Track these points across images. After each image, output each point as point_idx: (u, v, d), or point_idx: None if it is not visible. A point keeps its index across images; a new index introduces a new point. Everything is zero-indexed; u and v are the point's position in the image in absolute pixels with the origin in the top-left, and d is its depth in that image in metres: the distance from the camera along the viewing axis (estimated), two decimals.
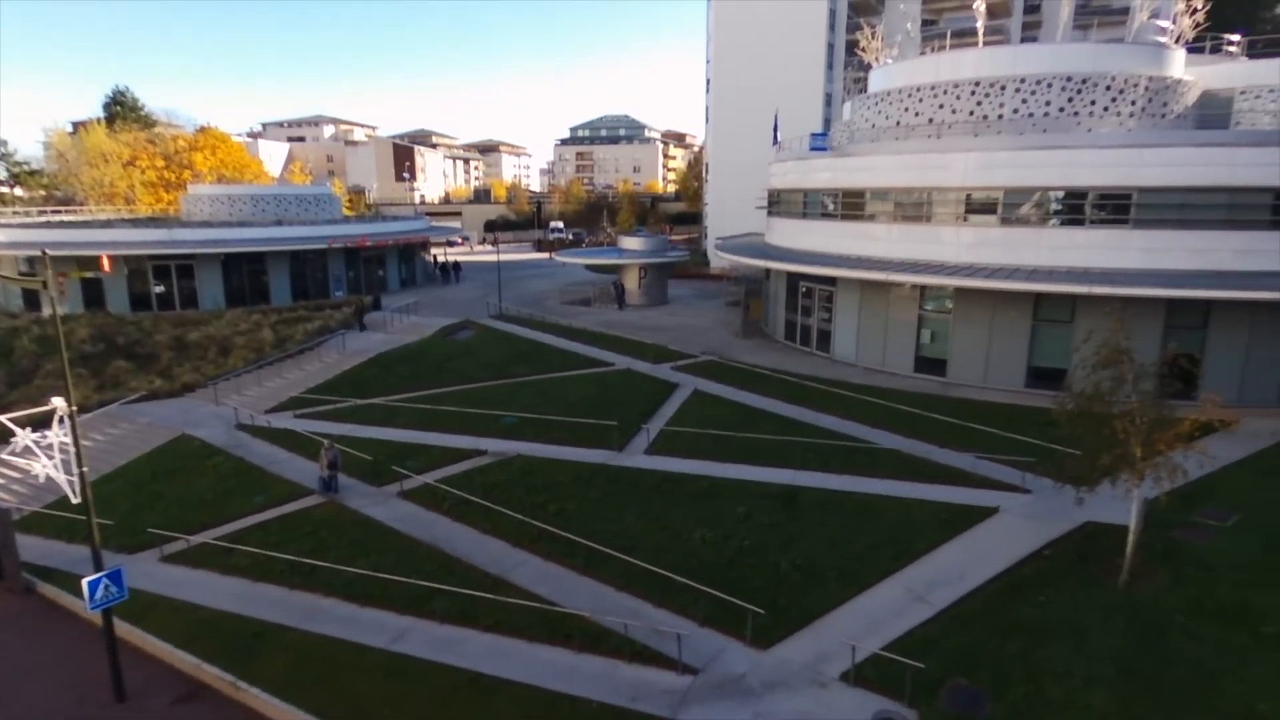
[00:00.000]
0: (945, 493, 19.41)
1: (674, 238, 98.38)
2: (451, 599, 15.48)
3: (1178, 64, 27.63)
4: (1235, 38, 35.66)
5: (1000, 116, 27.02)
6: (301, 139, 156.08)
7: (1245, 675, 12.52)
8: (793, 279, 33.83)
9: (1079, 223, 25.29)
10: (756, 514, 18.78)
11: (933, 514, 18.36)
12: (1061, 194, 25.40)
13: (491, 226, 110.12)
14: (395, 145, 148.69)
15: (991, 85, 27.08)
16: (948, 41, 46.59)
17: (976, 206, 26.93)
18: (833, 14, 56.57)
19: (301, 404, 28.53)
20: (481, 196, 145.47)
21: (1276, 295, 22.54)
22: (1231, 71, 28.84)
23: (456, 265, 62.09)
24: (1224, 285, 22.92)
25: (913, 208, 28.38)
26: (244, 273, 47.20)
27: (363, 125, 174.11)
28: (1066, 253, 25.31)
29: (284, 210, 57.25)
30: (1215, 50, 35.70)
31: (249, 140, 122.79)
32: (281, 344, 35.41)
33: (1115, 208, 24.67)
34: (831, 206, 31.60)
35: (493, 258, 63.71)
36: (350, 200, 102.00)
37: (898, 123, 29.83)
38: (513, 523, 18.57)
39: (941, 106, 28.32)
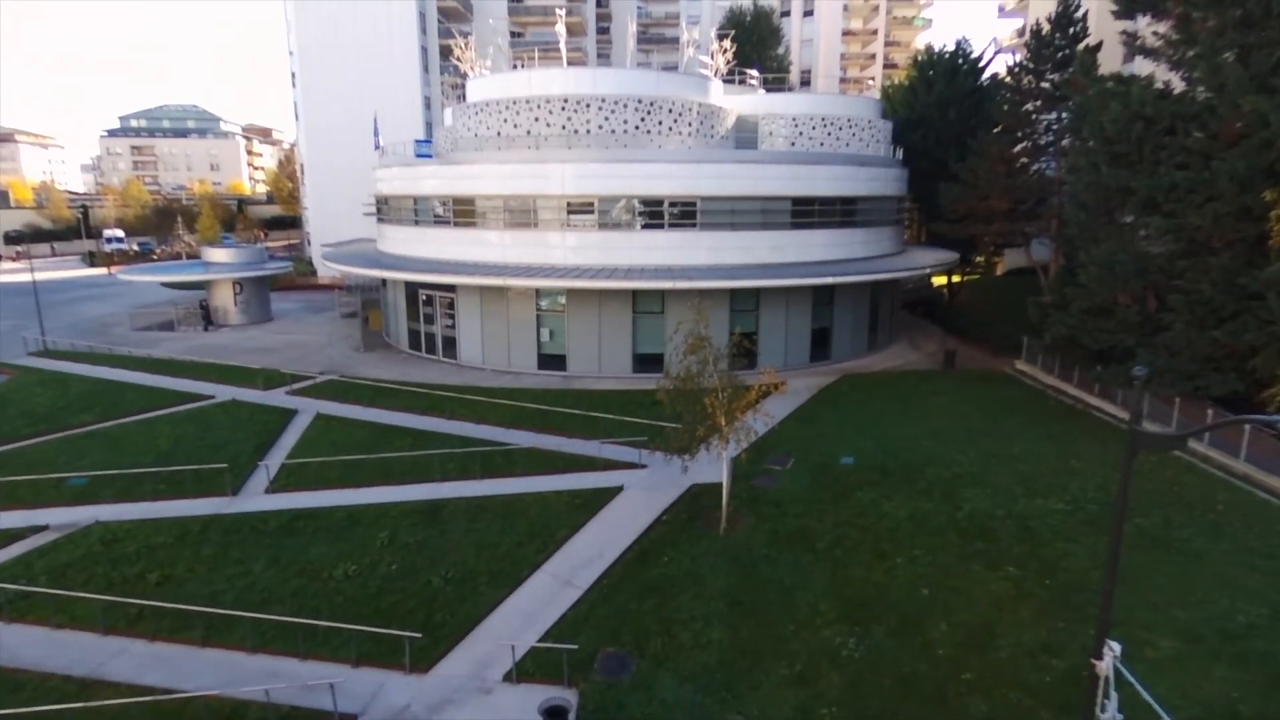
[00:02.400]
0: (577, 480, 21.02)
1: (271, 245, 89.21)
2: None
3: (718, 93, 33.43)
4: (754, 73, 44.22)
5: (589, 131, 29.83)
6: None
7: (810, 586, 15.92)
8: (412, 287, 33.22)
9: (660, 226, 29.23)
10: (401, 535, 18.23)
11: (569, 502, 19.76)
12: (645, 201, 29.06)
13: (16, 238, 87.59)
14: None
15: (579, 103, 29.72)
16: (536, 54, 49.67)
17: (576, 212, 29.42)
18: (423, 17, 56.22)
19: None
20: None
21: (800, 281, 28.78)
22: (755, 102, 35.80)
23: None
24: (765, 275, 28.58)
25: (521, 214, 29.90)
26: None
27: None
28: (653, 252, 29.07)
29: None
30: (741, 82, 43.82)
31: None
32: None
33: (685, 213, 29.07)
34: (443, 213, 31.70)
35: (25, 277, 50.85)
36: None
37: (499, 133, 31.06)
38: (99, 607, 15.28)
39: (537, 120, 30.22)
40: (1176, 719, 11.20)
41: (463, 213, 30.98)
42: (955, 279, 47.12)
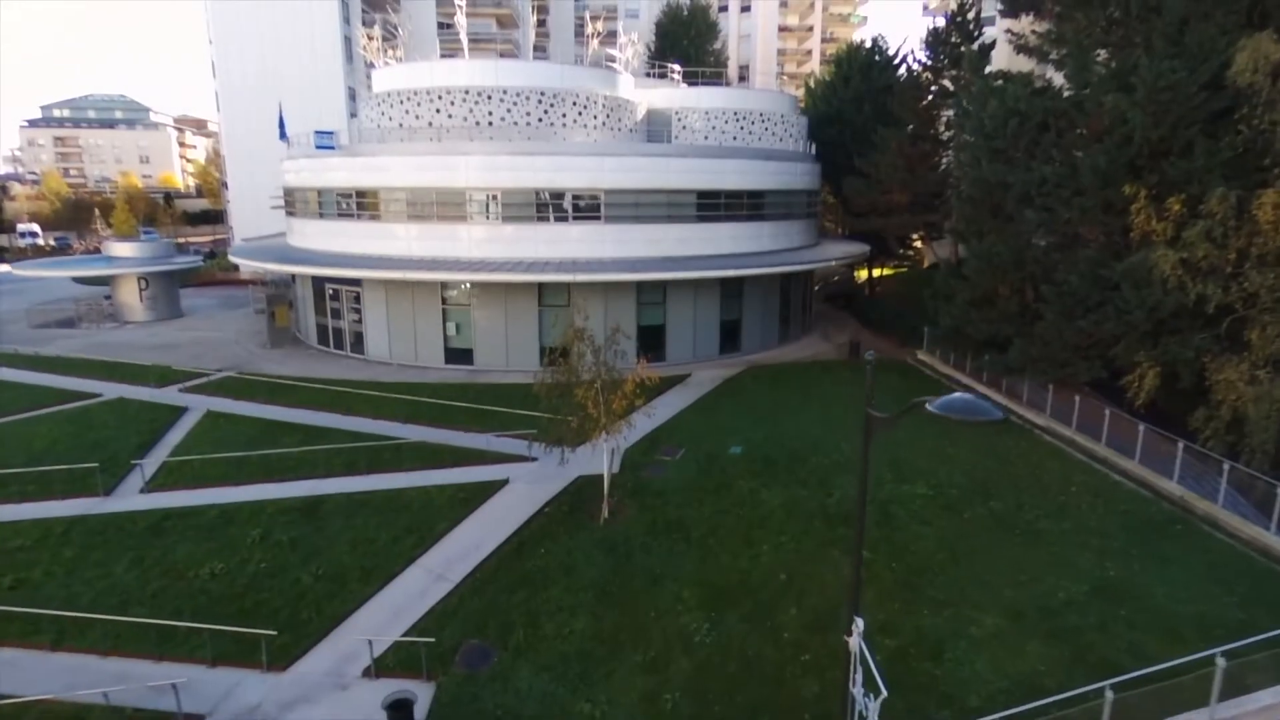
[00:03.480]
0: (465, 474, 20.90)
1: (199, 239, 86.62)
2: None
3: (628, 87, 33.43)
4: (677, 67, 44.36)
5: (491, 123, 29.58)
6: None
7: (678, 574, 16.11)
8: (319, 282, 32.58)
9: (565, 219, 29.18)
10: (275, 533, 17.93)
11: (452, 496, 19.65)
12: (549, 194, 28.97)
13: None
14: None
15: (482, 94, 29.45)
16: (465, 45, 48.95)
17: (482, 205, 29.19)
18: (345, 5, 54.99)
19: None
20: None
21: (702, 274, 29.05)
22: (669, 96, 35.95)
23: None
24: (671, 268, 28.76)
25: (426, 207, 29.54)
26: None
27: None
28: (558, 245, 29.03)
29: None
30: (662, 76, 43.94)
31: None
32: None
33: (589, 206, 29.07)
34: (349, 206, 31.10)
35: None
36: None
37: (401, 124, 30.61)
38: None
39: (439, 111, 29.86)
40: (988, 690, 11.70)
41: (367, 206, 30.48)
42: (876, 273, 48.11)
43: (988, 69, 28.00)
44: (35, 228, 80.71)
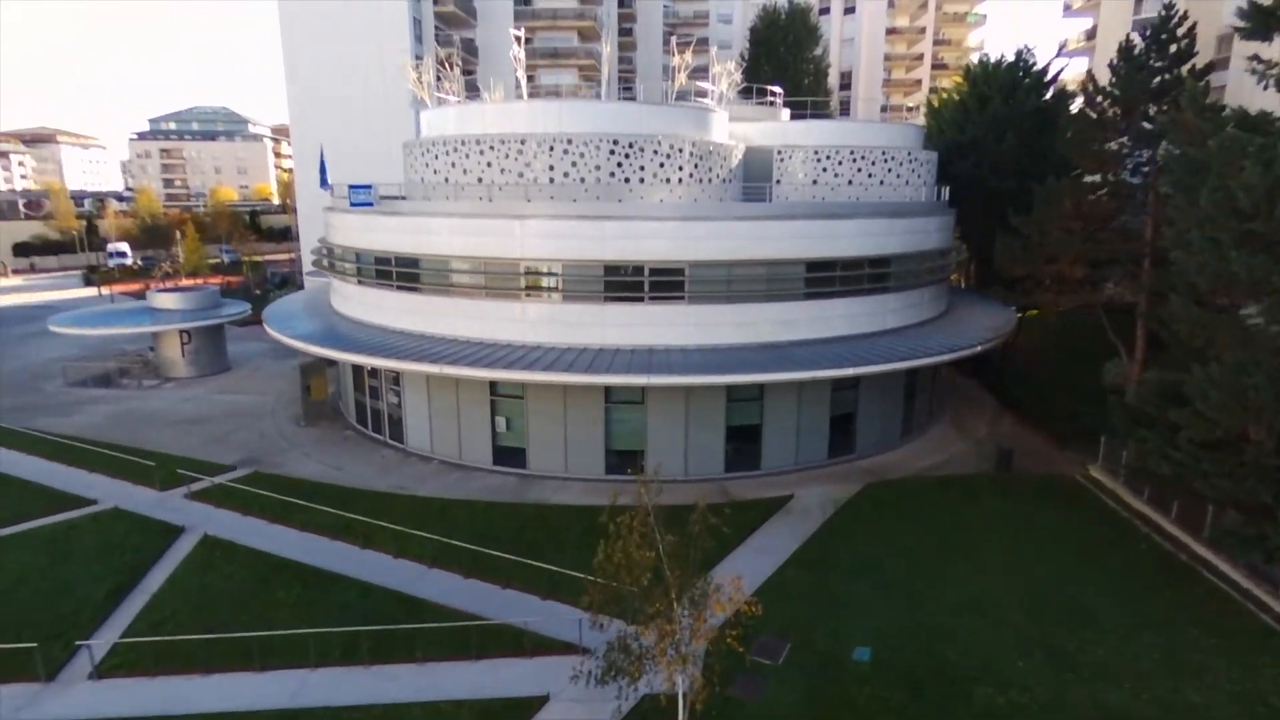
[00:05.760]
0: (492, 675, 15.64)
1: (279, 256, 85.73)
2: None
3: (721, 127, 27.47)
4: (777, 90, 38.18)
5: (551, 180, 24.26)
6: None
7: None
8: None
9: (639, 299, 23.60)
10: None
11: None
12: (619, 268, 23.47)
13: (25, 250, 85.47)
14: None
15: (540, 144, 24.14)
16: (524, 86, 44.23)
17: (541, 279, 24.02)
18: (417, 23, 51.24)
19: None
20: (33, 206, 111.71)
21: (812, 375, 22.82)
22: (771, 130, 29.81)
23: None
24: (770, 365, 22.67)
25: (475, 278, 24.59)
26: None
27: None
28: (632, 330, 23.56)
29: None
30: (761, 98, 37.83)
31: None
32: None
33: (670, 283, 23.39)
34: (388, 273, 26.36)
35: (17, 299, 48.00)
36: None
37: (446, 179, 25.72)
38: None
39: (490, 165, 24.73)
40: None
41: (407, 274, 25.76)
42: None
43: (1209, 108, 20.68)
44: (124, 247, 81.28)
